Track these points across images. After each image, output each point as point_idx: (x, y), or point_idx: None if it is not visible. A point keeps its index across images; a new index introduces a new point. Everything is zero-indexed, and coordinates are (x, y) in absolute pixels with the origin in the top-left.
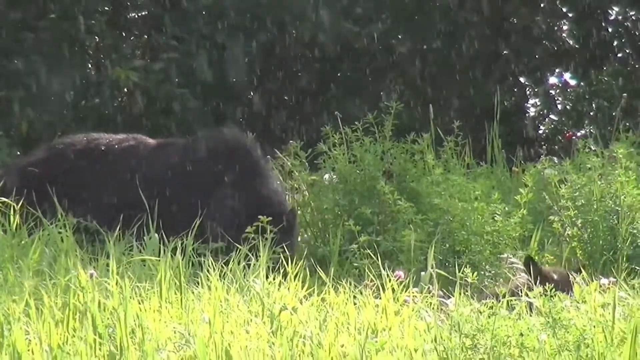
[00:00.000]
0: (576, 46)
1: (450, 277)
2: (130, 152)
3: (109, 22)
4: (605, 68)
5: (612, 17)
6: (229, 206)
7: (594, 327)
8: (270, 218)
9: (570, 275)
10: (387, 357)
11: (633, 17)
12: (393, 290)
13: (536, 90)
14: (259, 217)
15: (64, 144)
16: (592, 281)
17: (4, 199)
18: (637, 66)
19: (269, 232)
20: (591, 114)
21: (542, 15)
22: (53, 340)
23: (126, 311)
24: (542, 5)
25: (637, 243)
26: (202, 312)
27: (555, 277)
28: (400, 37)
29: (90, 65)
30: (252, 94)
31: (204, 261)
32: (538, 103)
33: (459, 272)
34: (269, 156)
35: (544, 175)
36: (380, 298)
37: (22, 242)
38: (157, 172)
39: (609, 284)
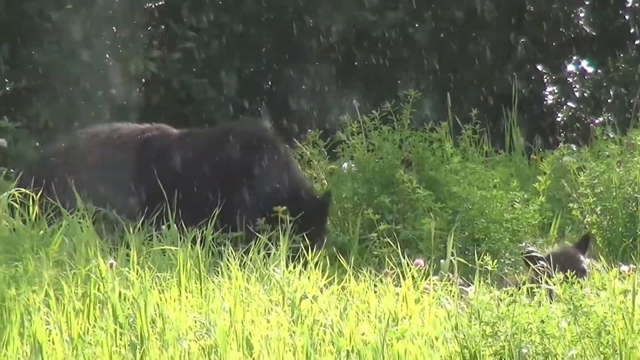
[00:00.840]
0: (593, 33)
1: (470, 265)
2: (152, 142)
3: (127, 13)
4: (622, 55)
5: (629, 4)
6: (253, 196)
7: (615, 314)
8: (297, 206)
9: (575, 251)
10: (407, 345)
11: None
12: (413, 278)
13: (554, 77)
14: (286, 206)
15: (87, 134)
16: (612, 268)
17: (23, 190)
18: None
19: (287, 221)
20: (609, 101)
21: (559, 2)
22: (73, 330)
23: (146, 301)
24: None
25: None
26: (223, 301)
27: (561, 258)
28: (417, 25)
29: (107, 56)
30: (270, 83)
31: (224, 250)
32: (556, 91)
33: (478, 259)
34: (287, 145)
35: (562, 162)
36: (400, 286)
37: (42, 232)
38: (178, 163)
39: (629, 271)
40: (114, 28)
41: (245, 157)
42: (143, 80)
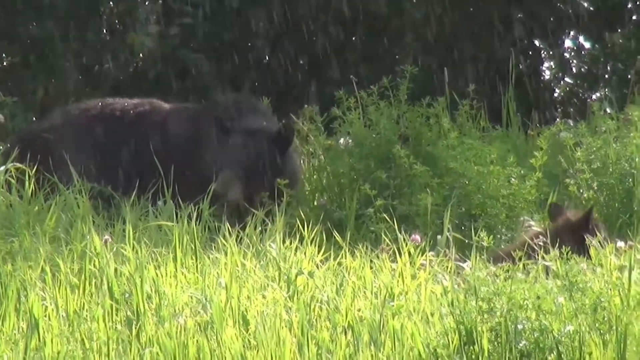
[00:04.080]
0: (591, 9)
1: (467, 241)
2: (145, 116)
3: None
4: (620, 30)
5: None
6: (239, 172)
7: (611, 290)
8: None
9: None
10: (403, 321)
11: None
12: (409, 254)
13: (551, 53)
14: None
15: (79, 109)
16: (608, 244)
17: (19, 165)
18: None
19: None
20: (606, 76)
21: None
22: (70, 306)
23: (142, 277)
24: None
25: None
26: (219, 277)
27: (574, 219)
28: (414, 0)
29: (105, 31)
30: (267, 58)
31: (221, 226)
32: (553, 66)
33: (475, 235)
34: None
35: (559, 138)
36: (396, 262)
37: (37, 208)
38: (171, 137)
39: (625, 247)
40: (111, 3)
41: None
42: (140, 55)
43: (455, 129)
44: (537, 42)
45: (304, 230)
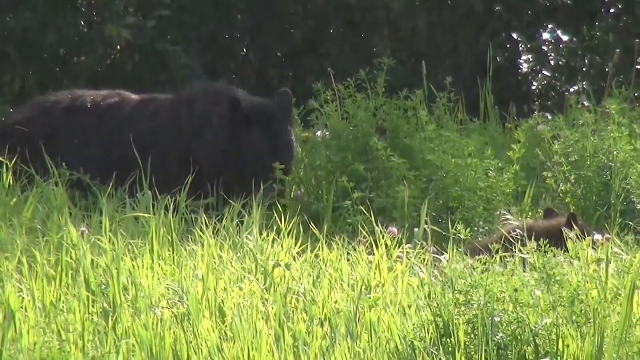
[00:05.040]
0: (568, 1)
1: (444, 233)
2: (115, 108)
3: None
4: (597, 23)
5: None
6: (210, 160)
7: (588, 282)
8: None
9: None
10: (380, 313)
11: None
12: (386, 246)
13: (529, 45)
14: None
15: (49, 102)
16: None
17: None
18: (629, 21)
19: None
20: (584, 69)
21: None
22: (46, 297)
23: (119, 268)
24: None
25: (630, 198)
26: (195, 269)
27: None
28: None
29: (82, 22)
30: (245, 50)
31: (197, 218)
32: (531, 59)
33: (452, 228)
34: None
35: (537, 131)
36: (373, 254)
37: (14, 200)
38: (141, 128)
39: (602, 240)
40: None
41: (202, 121)
42: (118, 47)
43: (433, 122)
44: (515, 35)
45: (281, 222)
